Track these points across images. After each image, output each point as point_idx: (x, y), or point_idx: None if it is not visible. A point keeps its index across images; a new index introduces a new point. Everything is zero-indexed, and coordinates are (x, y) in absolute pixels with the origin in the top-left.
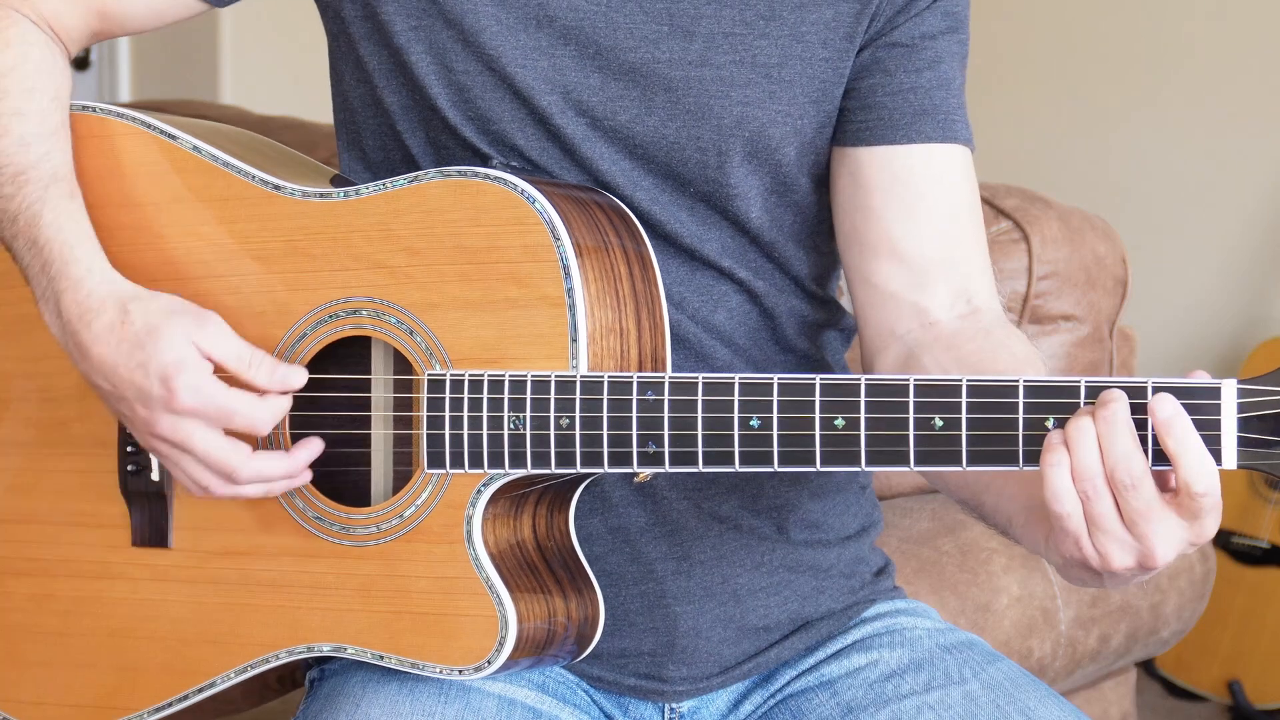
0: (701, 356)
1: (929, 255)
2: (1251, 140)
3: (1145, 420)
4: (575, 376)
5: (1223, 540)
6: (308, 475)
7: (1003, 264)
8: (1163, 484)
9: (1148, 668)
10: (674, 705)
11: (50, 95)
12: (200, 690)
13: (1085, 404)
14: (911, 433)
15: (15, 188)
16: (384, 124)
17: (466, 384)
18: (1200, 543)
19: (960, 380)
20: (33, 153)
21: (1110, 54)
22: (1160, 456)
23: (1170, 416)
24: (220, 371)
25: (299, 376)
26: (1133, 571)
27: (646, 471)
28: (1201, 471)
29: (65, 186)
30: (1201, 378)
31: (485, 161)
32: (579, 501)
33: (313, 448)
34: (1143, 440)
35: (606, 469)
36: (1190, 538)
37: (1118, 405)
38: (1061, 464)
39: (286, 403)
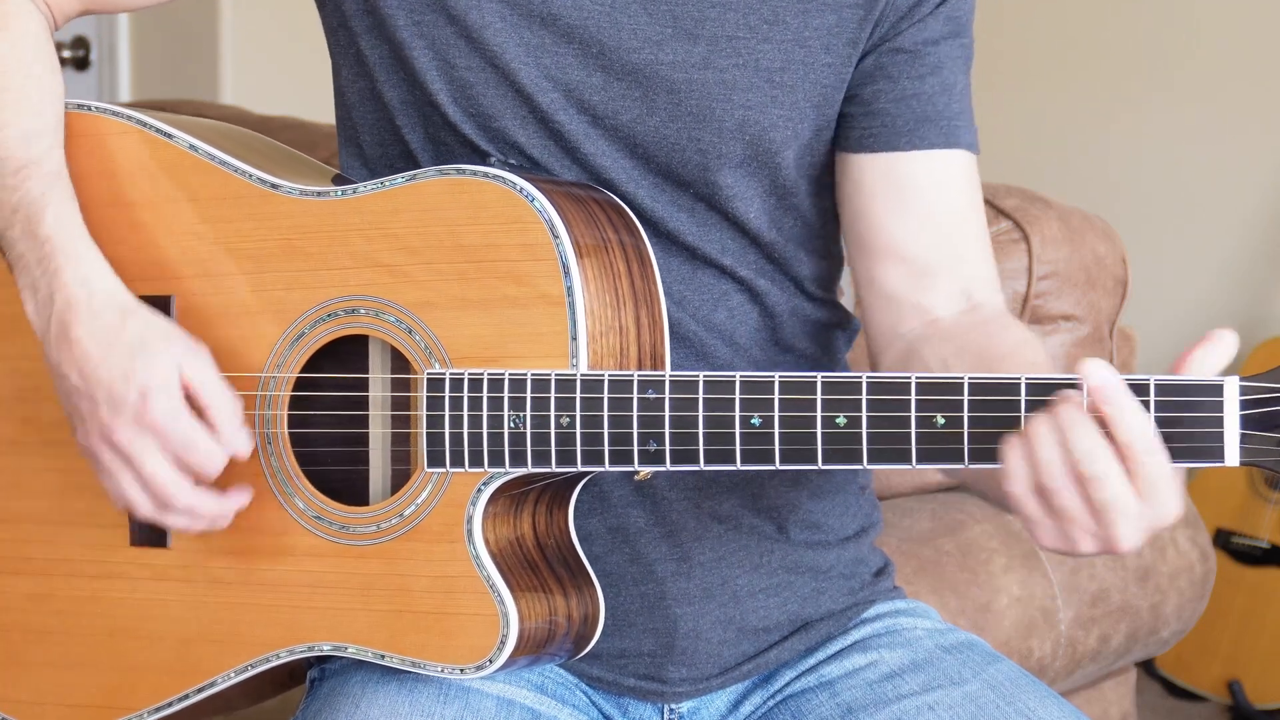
0: (702, 355)
1: (932, 258)
2: (1251, 140)
3: (1149, 405)
4: (575, 375)
5: (1223, 540)
6: (226, 521)
7: (1003, 264)
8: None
9: (1148, 668)
10: (673, 706)
11: (49, 89)
12: (200, 690)
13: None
14: (913, 430)
15: (18, 180)
16: (382, 119)
17: (466, 383)
18: (1164, 523)
19: (962, 378)
20: (35, 147)
21: (1111, 54)
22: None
23: (1102, 382)
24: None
25: (248, 446)
26: (1099, 552)
27: (647, 470)
28: (1139, 428)
29: (66, 188)
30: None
31: (484, 158)
32: (579, 502)
33: (243, 498)
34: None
35: (607, 467)
36: (1151, 517)
37: (1071, 402)
38: (1015, 451)
39: (226, 459)
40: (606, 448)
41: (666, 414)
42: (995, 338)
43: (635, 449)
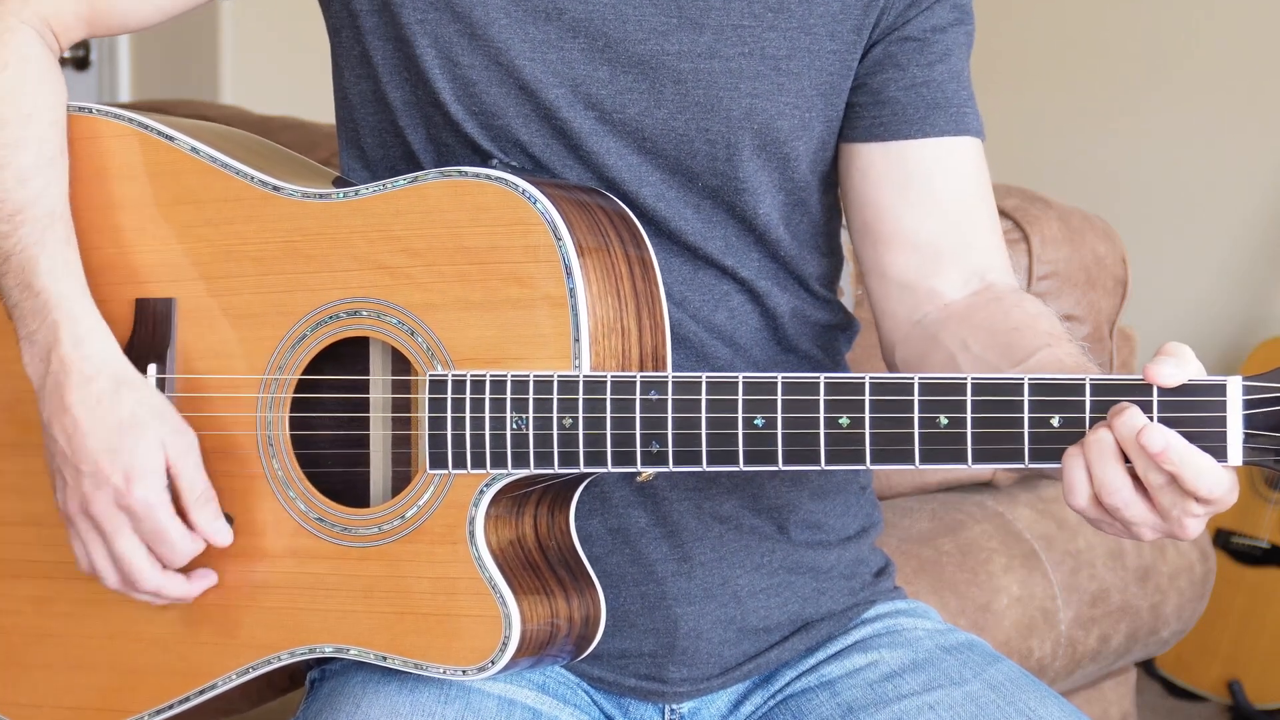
0: (702, 356)
1: (943, 243)
2: (1251, 140)
3: (1151, 405)
4: (578, 376)
5: (1223, 540)
6: (191, 598)
7: None
8: None
9: (1148, 668)
10: (674, 706)
11: (49, 121)
12: (202, 692)
13: (1091, 401)
14: (916, 431)
15: (11, 226)
16: (384, 120)
17: (469, 384)
18: (1225, 509)
19: (965, 379)
20: (30, 188)
21: (1111, 54)
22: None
23: (1163, 448)
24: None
25: (225, 538)
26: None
27: (649, 471)
28: (1203, 481)
29: (61, 229)
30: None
31: (486, 159)
32: (579, 503)
33: (208, 580)
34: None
35: (610, 469)
36: (1214, 509)
37: (1131, 413)
38: (1077, 468)
39: (201, 547)
40: (609, 449)
41: (669, 415)
42: (1009, 312)
43: (638, 450)
